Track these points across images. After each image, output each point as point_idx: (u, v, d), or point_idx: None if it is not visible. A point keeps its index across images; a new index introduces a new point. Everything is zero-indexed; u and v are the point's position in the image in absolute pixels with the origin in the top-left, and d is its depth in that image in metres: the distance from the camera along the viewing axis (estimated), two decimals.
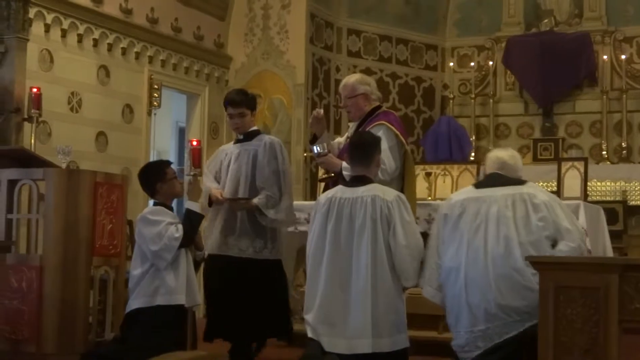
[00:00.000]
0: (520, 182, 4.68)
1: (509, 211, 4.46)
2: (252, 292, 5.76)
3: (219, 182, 5.93)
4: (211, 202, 5.82)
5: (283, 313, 5.96)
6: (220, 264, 5.77)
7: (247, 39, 10.97)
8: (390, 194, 4.69)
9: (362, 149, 4.83)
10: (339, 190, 4.77)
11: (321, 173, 5.56)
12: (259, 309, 5.77)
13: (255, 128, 6.10)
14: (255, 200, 5.71)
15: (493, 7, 11.62)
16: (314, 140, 5.70)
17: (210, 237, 5.85)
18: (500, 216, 4.46)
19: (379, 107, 5.71)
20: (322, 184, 6.12)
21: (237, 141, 6.01)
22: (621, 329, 3.53)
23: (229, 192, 5.79)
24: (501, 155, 4.87)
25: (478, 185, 4.91)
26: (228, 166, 5.90)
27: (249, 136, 5.96)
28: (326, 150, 5.49)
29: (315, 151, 5.50)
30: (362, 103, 5.59)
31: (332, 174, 5.48)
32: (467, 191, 4.84)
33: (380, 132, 5.33)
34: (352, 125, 5.78)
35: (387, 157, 5.26)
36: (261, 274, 5.79)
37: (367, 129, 5.38)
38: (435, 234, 4.81)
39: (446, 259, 4.59)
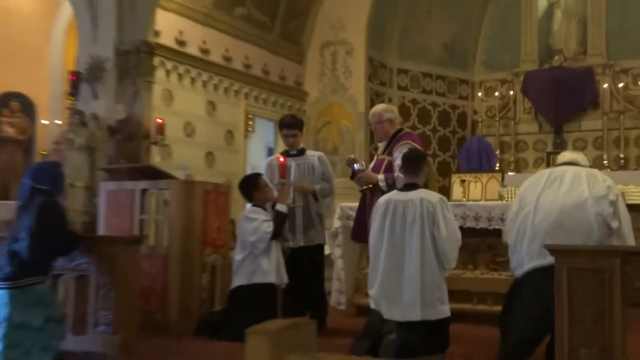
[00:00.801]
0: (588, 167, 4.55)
1: (582, 176, 4.28)
2: (317, 271, 5.81)
3: None
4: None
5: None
6: (301, 253, 5.71)
7: (319, 78, 11.04)
8: (434, 196, 4.65)
9: (413, 163, 4.80)
10: (394, 194, 4.74)
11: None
12: (320, 284, 5.85)
13: (302, 145, 6.05)
14: (317, 186, 5.77)
15: (513, 48, 11.48)
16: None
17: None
18: (574, 176, 4.28)
19: (401, 129, 5.64)
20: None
21: (289, 155, 5.86)
22: (623, 303, 3.45)
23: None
24: (570, 155, 4.68)
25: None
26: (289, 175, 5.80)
27: (300, 152, 5.92)
28: (364, 167, 5.48)
29: (356, 168, 5.46)
30: (387, 127, 5.54)
31: (371, 185, 5.41)
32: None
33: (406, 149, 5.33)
34: (382, 145, 5.70)
35: None
36: (320, 254, 5.85)
37: (396, 147, 5.35)
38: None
39: (523, 203, 4.40)
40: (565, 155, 4.72)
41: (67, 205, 7.37)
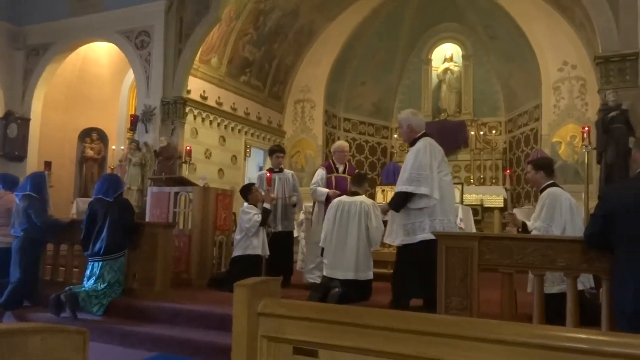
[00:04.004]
0: None
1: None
2: (288, 247, 5.71)
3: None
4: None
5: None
6: (278, 235, 5.64)
7: (293, 122, 11.01)
8: (369, 201, 4.65)
9: (359, 180, 4.82)
10: (344, 197, 4.73)
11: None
12: (290, 256, 5.75)
13: (282, 166, 5.89)
14: (294, 199, 5.67)
15: (416, 107, 11.40)
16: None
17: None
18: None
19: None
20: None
21: (274, 172, 5.70)
22: (479, 268, 3.49)
23: (280, 198, 5.66)
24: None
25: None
26: (274, 184, 5.68)
27: (280, 170, 5.81)
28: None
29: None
30: (348, 156, 5.55)
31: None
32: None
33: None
34: (341, 168, 5.52)
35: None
36: (290, 237, 5.75)
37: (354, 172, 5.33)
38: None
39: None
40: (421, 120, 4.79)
41: None
